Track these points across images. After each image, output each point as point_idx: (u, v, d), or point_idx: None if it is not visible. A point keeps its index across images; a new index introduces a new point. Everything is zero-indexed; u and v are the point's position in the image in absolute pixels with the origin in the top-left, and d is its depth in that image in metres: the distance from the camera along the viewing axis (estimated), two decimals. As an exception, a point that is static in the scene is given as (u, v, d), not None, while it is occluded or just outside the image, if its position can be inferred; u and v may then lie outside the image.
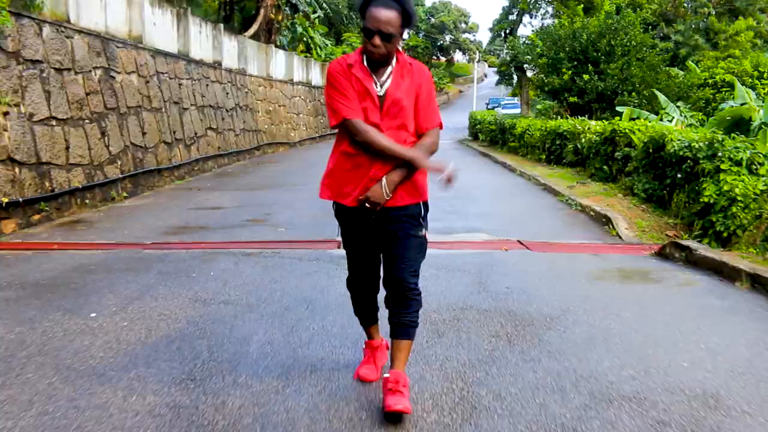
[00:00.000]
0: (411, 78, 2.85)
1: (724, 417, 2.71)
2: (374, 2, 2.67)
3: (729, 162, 7.18)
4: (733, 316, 4.18)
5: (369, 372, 3.15)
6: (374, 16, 2.65)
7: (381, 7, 2.65)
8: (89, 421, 2.76)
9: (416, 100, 2.85)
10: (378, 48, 2.70)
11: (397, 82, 2.81)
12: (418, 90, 2.85)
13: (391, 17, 2.65)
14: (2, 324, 4.10)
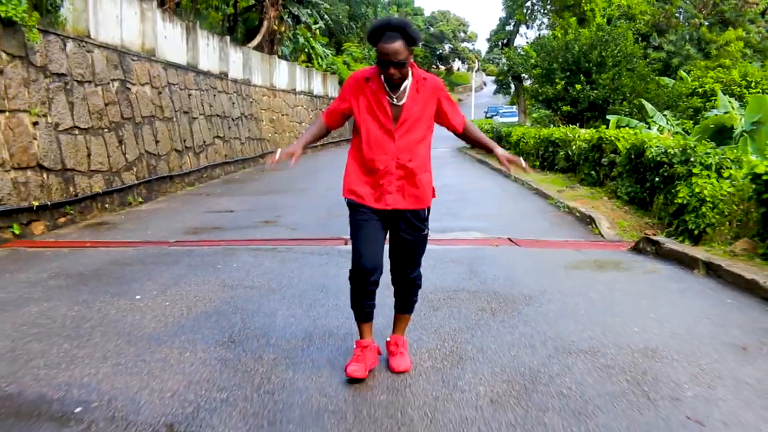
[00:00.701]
0: (426, 91, 3.28)
1: (656, 363, 3.46)
2: (382, 38, 3.09)
3: (700, 166, 7.94)
4: (685, 295, 4.93)
5: (357, 369, 3.29)
6: (383, 50, 3.07)
7: (387, 42, 3.06)
8: (156, 369, 3.50)
9: (439, 108, 3.34)
10: (394, 75, 3.13)
11: (413, 97, 3.24)
12: (439, 101, 3.33)
13: (398, 48, 3.05)
14: (62, 304, 4.84)
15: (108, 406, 3.05)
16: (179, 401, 3.09)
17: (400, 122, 3.23)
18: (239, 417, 2.91)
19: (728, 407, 2.92)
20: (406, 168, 3.26)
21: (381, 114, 3.23)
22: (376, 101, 3.24)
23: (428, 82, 3.31)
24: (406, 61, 3.11)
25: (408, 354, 3.52)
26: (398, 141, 3.24)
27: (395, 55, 3.06)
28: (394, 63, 3.07)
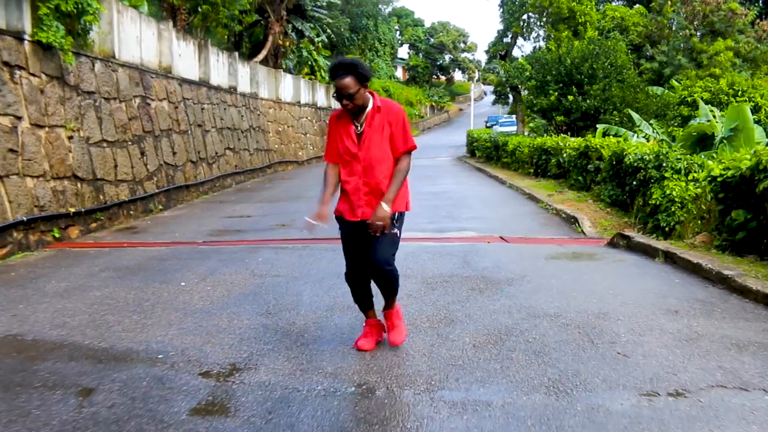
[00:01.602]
0: (381, 117, 3.83)
1: (604, 321, 4.46)
2: (337, 76, 3.72)
3: (671, 171, 8.97)
4: (641, 277, 5.94)
5: (366, 343, 4.05)
6: (336, 85, 3.73)
7: (339, 79, 3.70)
8: (213, 331, 4.51)
9: (390, 131, 3.85)
10: (347, 105, 3.75)
11: (369, 122, 3.83)
12: (389, 124, 3.84)
13: (347, 83, 3.68)
14: (120, 290, 5.86)
15: (182, 354, 4.06)
16: (236, 351, 4.10)
17: (361, 145, 3.84)
18: (284, 359, 3.92)
19: (650, 346, 3.93)
20: (370, 184, 3.84)
21: (348, 140, 3.85)
22: (345, 131, 3.88)
23: (384, 109, 3.88)
24: (356, 93, 3.71)
25: (402, 323, 4.15)
26: (362, 162, 3.83)
27: (345, 89, 3.69)
28: (344, 96, 3.71)
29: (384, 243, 3.88)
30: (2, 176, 8.29)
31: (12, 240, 8.28)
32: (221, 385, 3.53)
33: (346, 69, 3.73)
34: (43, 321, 4.87)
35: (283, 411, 3.17)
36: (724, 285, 5.31)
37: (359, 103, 3.80)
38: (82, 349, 4.20)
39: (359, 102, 3.79)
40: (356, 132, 3.88)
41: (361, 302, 4.17)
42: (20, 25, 9.09)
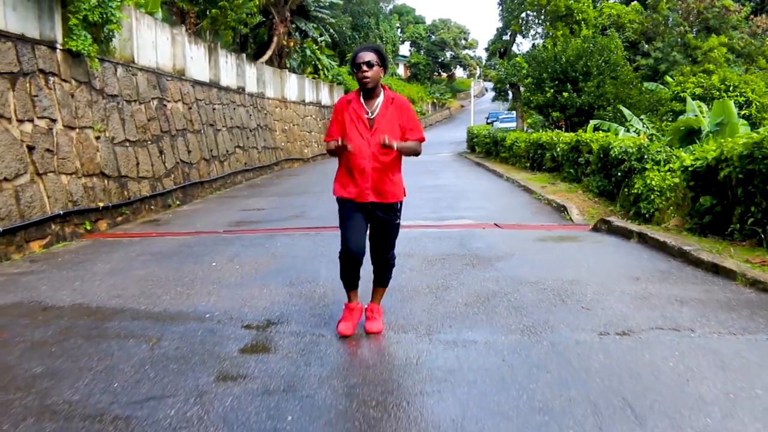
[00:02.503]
0: (394, 108, 4.16)
1: (575, 286, 5.35)
2: (358, 53, 4.12)
3: (651, 162, 9.85)
4: (615, 254, 6.83)
5: (346, 328, 4.33)
6: (361, 57, 4.07)
7: (364, 51, 4.11)
8: (247, 297, 5.42)
9: (401, 124, 4.17)
10: (365, 76, 4.03)
11: (383, 111, 4.13)
12: (400, 118, 4.17)
13: (371, 56, 4.06)
14: (159, 270, 6.77)
15: (225, 314, 4.97)
16: (269, 311, 5.01)
17: (373, 130, 4.13)
18: (310, 315, 4.83)
19: (609, 303, 4.83)
20: (378, 168, 4.13)
21: (360, 125, 4.15)
22: (356, 116, 4.15)
23: (396, 102, 4.22)
24: (375, 67, 4.06)
25: (381, 319, 4.46)
26: (372, 147, 4.11)
27: (368, 58, 4.06)
28: (366, 63, 4.04)
29: (391, 234, 4.31)
30: (41, 174, 9.19)
31: (51, 231, 9.18)
32: (261, 334, 4.44)
33: (370, 48, 4.16)
34: (101, 293, 5.78)
35: (313, 349, 4.08)
36: (683, 258, 6.21)
37: (376, 79, 4.10)
38: (140, 313, 5.11)
39: (376, 78, 4.10)
40: (368, 118, 4.16)
41: (349, 281, 4.44)
42: (52, 35, 9.99)
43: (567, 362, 3.67)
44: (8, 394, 3.50)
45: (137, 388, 3.54)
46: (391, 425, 2.99)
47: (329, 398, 3.31)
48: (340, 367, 3.81)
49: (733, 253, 6.05)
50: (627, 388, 3.28)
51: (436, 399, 3.25)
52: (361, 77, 4.10)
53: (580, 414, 3.00)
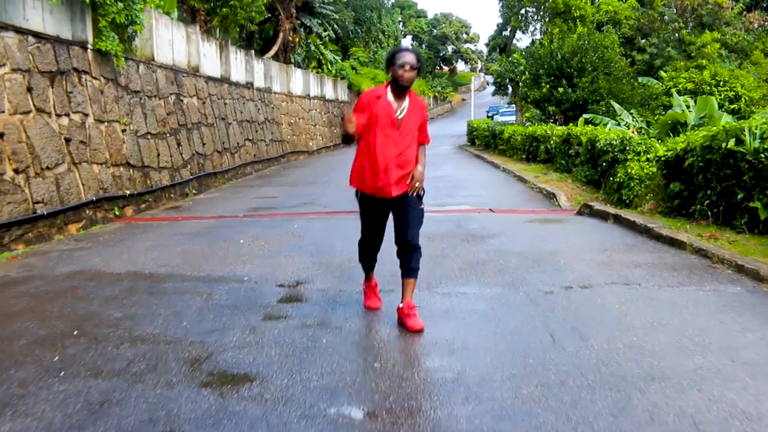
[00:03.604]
0: (417, 111, 4.45)
1: (552, 256, 6.43)
2: (400, 52, 4.33)
3: (633, 153, 10.91)
4: (591, 233, 7.91)
5: (373, 302, 4.84)
6: (403, 57, 4.26)
7: (407, 53, 4.32)
8: (277, 265, 6.49)
9: (421, 125, 4.49)
10: (408, 73, 4.24)
11: (410, 113, 4.38)
12: (422, 120, 4.50)
13: (413, 59, 4.29)
14: (194, 246, 7.83)
15: (260, 277, 6.05)
16: (296, 274, 6.09)
17: (400, 131, 4.36)
18: (331, 277, 5.91)
19: (577, 267, 5.92)
20: (401, 164, 4.37)
21: (389, 123, 4.34)
22: (386, 113, 4.32)
23: (419, 104, 4.49)
24: (415, 68, 4.29)
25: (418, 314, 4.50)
26: (398, 144, 4.35)
27: (411, 61, 4.28)
28: (409, 63, 4.26)
29: (415, 221, 4.53)
30: (77, 163, 10.25)
31: (85, 216, 10.25)
32: (293, 290, 5.53)
33: (412, 51, 4.41)
34: (149, 263, 6.86)
35: (337, 300, 5.17)
36: (648, 234, 7.29)
37: (413, 81, 4.36)
38: (188, 277, 6.19)
39: (413, 81, 4.36)
40: (396, 116, 4.36)
41: (367, 263, 4.90)
42: (84, 36, 11.03)
43: (536, 305, 4.76)
44: (102, 329, 4.59)
45: (202, 324, 4.62)
46: (401, 344, 4.08)
47: (353, 329, 4.40)
48: (359, 311, 4.89)
49: (689, 229, 7.14)
50: (579, 320, 4.37)
51: (434, 328, 4.34)
52: (401, 75, 4.26)
53: (540, 335, 4.09)
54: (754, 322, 4.26)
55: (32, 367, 3.84)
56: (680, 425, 2.87)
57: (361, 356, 3.92)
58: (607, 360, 3.66)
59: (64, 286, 5.94)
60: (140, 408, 3.22)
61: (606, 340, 3.97)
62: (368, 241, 4.76)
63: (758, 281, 5.15)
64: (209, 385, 3.49)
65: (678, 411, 2.99)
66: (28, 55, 9.35)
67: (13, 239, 8.27)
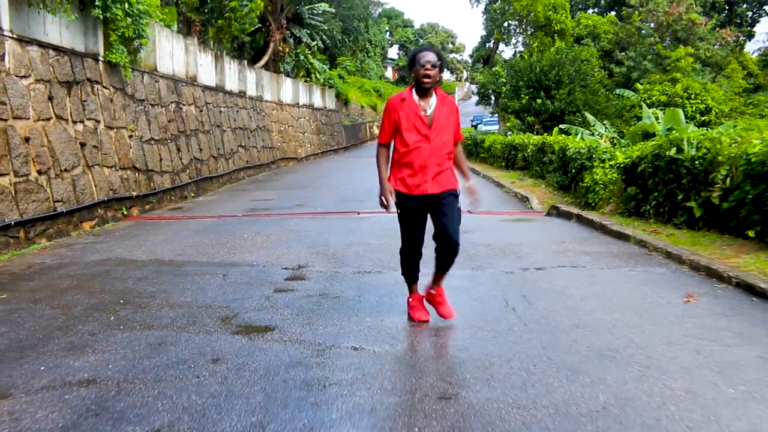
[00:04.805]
0: (447, 108, 4.44)
1: (517, 247, 7.56)
2: (421, 52, 4.41)
3: (598, 161, 12.11)
4: (555, 230, 9.06)
5: (422, 315, 4.77)
6: (424, 56, 4.34)
7: (427, 51, 4.41)
8: (279, 254, 7.57)
9: (453, 122, 4.46)
10: (429, 71, 4.29)
11: (439, 109, 4.39)
12: (455, 116, 4.50)
13: (433, 57, 4.37)
14: (204, 239, 8.89)
15: (267, 262, 7.13)
16: (298, 260, 7.17)
17: (432, 128, 4.38)
18: (327, 262, 7.00)
19: (536, 255, 7.06)
20: (438, 162, 4.41)
21: (418, 122, 4.39)
22: (413, 114, 4.39)
23: (448, 100, 4.53)
24: (437, 66, 4.36)
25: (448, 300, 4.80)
26: (432, 142, 4.37)
27: (432, 59, 4.37)
28: (430, 62, 4.34)
29: (455, 219, 4.59)
30: (90, 166, 11.27)
31: (97, 215, 11.26)
32: (296, 271, 6.62)
33: (432, 50, 4.53)
34: (167, 252, 7.92)
35: (335, 278, 6.27)
36: (602, 230, 8.46)
37: (435, 79, 4.40)
38: (203, 263, 7.25)
39: (436, 78, 4.40)
40: (425, 115, 4.40)
41: (410, 275, 4.82)
42: (96, 48, 12.08)
43: (497, 282, 5.89)
44: (143, 299, 5.65)
45: (225, 296, 5.70)
46: (388, 306, 5.18)
47: (350, 296, 5.51)
48: (354, 285, 5.99)
49: (636, 226, 8.32)
50: (530, 292, 5.51)
51: (414, 297, 5.44)
52: (423, 74, 4.33)
53: (497, 302, 5.22)
54: (667, 291, 5.41)
55: (95, 324, 4.90)
56: (590, 352, 3.99)
57: (355, 315, 5.00)
58: (546, 316, 4.80)
59: (98, 270, 6.98)
60: (190, 346, 4.30)
61: (548, 305, 5.10)
62: (409, 247, 4.73)
63: (680, 264, 6.32)
64: (239, 333, 4.58)
65: (590, 344, 4.13)
66: (49, 67, 10.38)
67: (37, 234, 9.28)
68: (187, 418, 3.18)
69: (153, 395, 3.48)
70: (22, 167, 9.16)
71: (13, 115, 9.17)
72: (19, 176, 9.09)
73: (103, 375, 3.81)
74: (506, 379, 3.59)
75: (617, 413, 3.11)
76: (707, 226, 7.74)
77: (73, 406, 3.37)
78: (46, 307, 5.38)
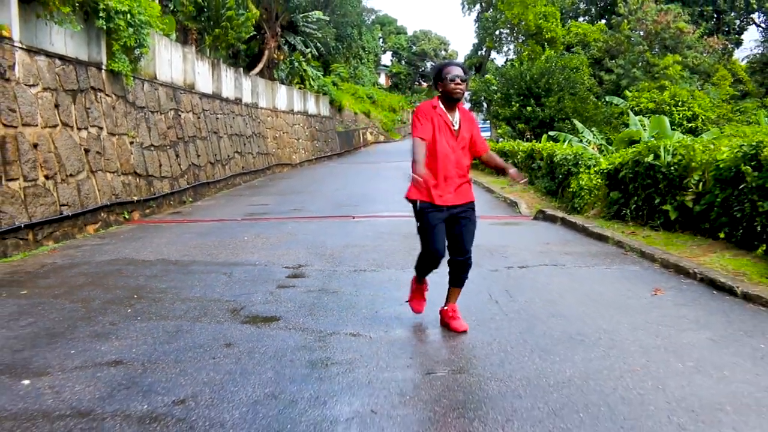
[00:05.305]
0: (467, 122, 4.62)
1: (504, 248, 8.10)
2: (448, 66, 4.56)
3: (584, 167, 12.68)
4: (540, 232, 9.60)
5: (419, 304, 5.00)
6: (453, 71, 4.49)
7: (454, 66, 4.57)
8: (280, 254, 8.07)
9: (472, 135, 4.61)
10: (460, 86, 4.44)
11: (463, 123, 4.57)
12: (475, 129, 4.66)
13: (461, 72, 4.51)
14: (205, 241, 9.38)
15: (268, 262, 7.63)
16: (297, 260, 7.68)
17: (458, 141, 4.55)
18: (326, 262, 7.51)
19: (521, 254, 7.59)
20: (460, 174, 4.56)
21: (448, 133, 4.53)
22: (444, 123, 4.52)
23: (468, 115, 4.67)
24: (466, 80, 4.51)
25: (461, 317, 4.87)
26: (456, 153, 4.53)
27: (461, 74, 4.51)
28: (461, 78, 4.48)
29: (471, 233, 4.74)
30: (94, 171, 11.75)
31: (101, 218, 11.74)
32: (297, 270, 7.13)
33: (460, 65, 4.67)
34: (173, 253, 8.41)
35: (332, 276, 6.78)
36: (584, 232, 9.01)
37: (464, 93, 4.56)
38: (209, 262, 7.75)
39: (464, 93, 4.56)
40: (453, 127, 4.55)
41: (426, 274, 4.96)
42: (99, 58, 12.57)
43: (483, 279, 6.41)
44: (155, 294, 6.14)
45: (232, 291, 6.20)
46: (383, 300, 5.70)
47: (348, 291, 6.03)
48: (351, 282, 6.50)
49: (616, 228, 8.88)
50: (512, 287, 6.04)
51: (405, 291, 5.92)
52: (453, 89, 4.48)
53: (482, 296, 5.75)
54: (638, 286, 5.95)
55: (114, 315, 5.40)
56: (562, 336, 4.53)
57: (353, 307, 5.52)
58: (526, 308, 5.33)
59: (109, 269, 7.47)
60: (204, 333, 4.80)
61: (528, 298, 5.63)
62: (428, 256, 4.77)
63: (653, 262, 6.87)
64: (248, 322, 5.09)
65: (563, 330, 4.66)
66: (55, 76, 10.87)
67: (45, 236, 9.75)
68: (208, 391, 3.68)
69: (175, 373, 3.98)
70: (30, 172, 9.63)
71: (22, 122, 9.65)
72: (28, 181, 9.56)
73: (128, 357, 4.31)
74: (486, 359, 4.11)
75: (580, 384, 3.64)
76: (682, 228, 8.30)
77: (106, 382, 3.86)
78: (66, 301, 5.86)
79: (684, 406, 3.32)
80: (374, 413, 3.33)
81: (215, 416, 3.34)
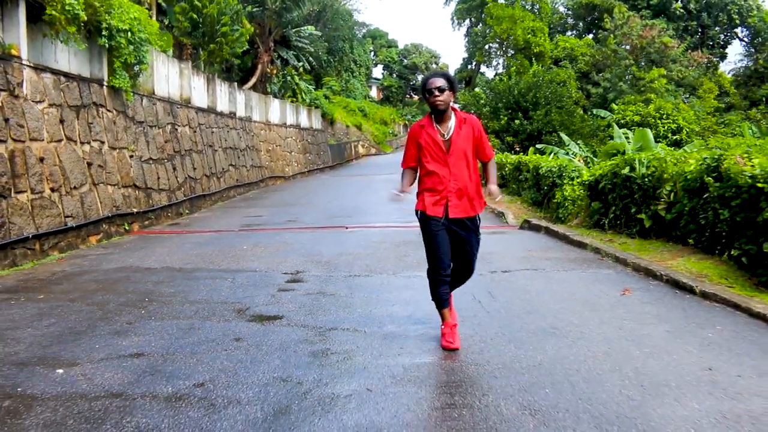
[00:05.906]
0: (467, 128, 4.56)
1: (488, 254, 8.64)
2: (429, 79, 4.60)
3: (568, 178, 13.30)
4: (525, 240, 10.19)
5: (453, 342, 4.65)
6: (431, 83, 4.52)
7: (435, 78, 4.57)
8: (279, 261, 8.62)
9: (476, 141, 4.57)
10: (437, 99, 4.45)
11: (457, 132, 4.53)
12: (475, 135, 4.59)
13: (442, 82, 4.52)
14: (205, 250, 9.91)
15: (268, 268, 8.17)
16: (295, 267, 8.23)
17: (450, 152, 4.52)
18: (322, 269, 8.06)
19: (505, 260, 8.17)
20: (459, 187, 4.57)
21: (436, 148, 4.55)
22: (431, 140, 4.55)
23: (468, 121, 4.61)
24: (446, 90, 4.50)
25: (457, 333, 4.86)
26: (452, 167, 4.52)
27: (438, 84, 4.51)
28: (437, 87, 4.48)
29: (475, 246, 4.89)
30: (96, 184, 12.28)
31: (103, 229, 12.25)
32: (295, 275, 7.68)
33: (440, 75, 4.67)
34: (176, 261, 8.94)
35: (329, 281, 7.33)
36: (565, 240, 9.60)
37: (447, 102, 4.53)
38: (211, 269, 8.28)
39: (447, 102, 4.53)
40: (443, 140, 4.54)
41: (440, 297, 4.81)
42: (101, 74, 13.13)
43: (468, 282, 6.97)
44: (165, 297, 6.67)
45: (236, 294, 6.75)
46: (375, 302, 6.26)
47: (343, 294, 6.59)
48: (346, 286, 7.06)
49: (595, 236, 9.48)
50: (495, 289, 6.61)
51: (397, 294, 6.54)
52: (433, 101, 4.51)
53: (466, 297, 6.32)
54: (609, 287, 6.55)
55: (130, 315, 5.93)
56: (536, 329, 5.11)
57: (348, 307, 6.08)
58: (506, 307, 5.90)
59: (117, 276, 8.00)
60: (214, 330, 5.35)
61: (508, 299, 6.21)
62: (435, 267, 4.77)
63: (625, 266, 7.48)
64: (254, 321, 5.64)
65: (537, 325, 5.24)
66: (60, 92, 11.43)
67: (50, 246, 10.26)
68: (224, 376, 4.23)
69: (193, 362, 4.53)
70: (37, 185, 10.15)
71: (30, 137, 10.19)
72: (35, 193, 10.08)
73: (148, 350, 4.85)
74: (468, 348, 4.68)
75: (548, 367, 4.21)
76: (656, 235, 8.90)
77: (132, 370, 4.40)
78: (83, 305, 6.39)
79: (635, 383, 3.90)
80: (370, 391, 3.89)
81: (232, 395, 3.89)
